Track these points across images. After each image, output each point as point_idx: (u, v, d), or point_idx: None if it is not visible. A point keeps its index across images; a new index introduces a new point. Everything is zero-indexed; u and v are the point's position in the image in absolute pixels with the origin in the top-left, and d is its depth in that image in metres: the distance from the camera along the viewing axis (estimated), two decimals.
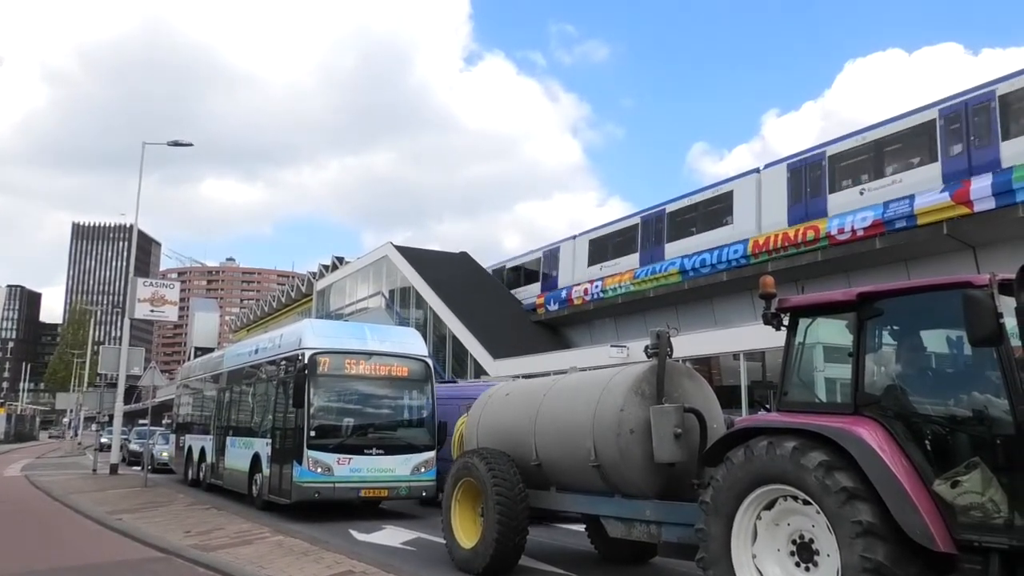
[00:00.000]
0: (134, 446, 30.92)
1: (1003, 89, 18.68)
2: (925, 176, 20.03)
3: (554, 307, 33.02)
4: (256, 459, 15.01)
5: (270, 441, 14.50)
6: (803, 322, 6.14)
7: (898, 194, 20.31)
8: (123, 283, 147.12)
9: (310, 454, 13.03)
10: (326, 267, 49.34)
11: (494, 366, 27.92)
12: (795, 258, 22.59)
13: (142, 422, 39.52)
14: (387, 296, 38.95)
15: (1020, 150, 18.10)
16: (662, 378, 7.46)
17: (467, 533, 8.76)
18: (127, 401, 29.37)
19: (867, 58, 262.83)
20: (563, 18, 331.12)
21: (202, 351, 44.70)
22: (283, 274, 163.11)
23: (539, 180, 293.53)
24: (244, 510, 13.96)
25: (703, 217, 27.04)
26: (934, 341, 5.67)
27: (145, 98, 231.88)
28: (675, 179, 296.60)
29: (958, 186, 18.89)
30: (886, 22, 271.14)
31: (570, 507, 8.37)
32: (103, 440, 29.63)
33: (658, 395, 7.39)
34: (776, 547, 5.62)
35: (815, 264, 22.05)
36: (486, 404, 9.71)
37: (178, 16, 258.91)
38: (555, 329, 34.09)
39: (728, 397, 18.17)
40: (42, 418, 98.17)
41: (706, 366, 21.15)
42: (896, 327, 5.80)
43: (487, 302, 34.24)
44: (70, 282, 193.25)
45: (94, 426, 41.53)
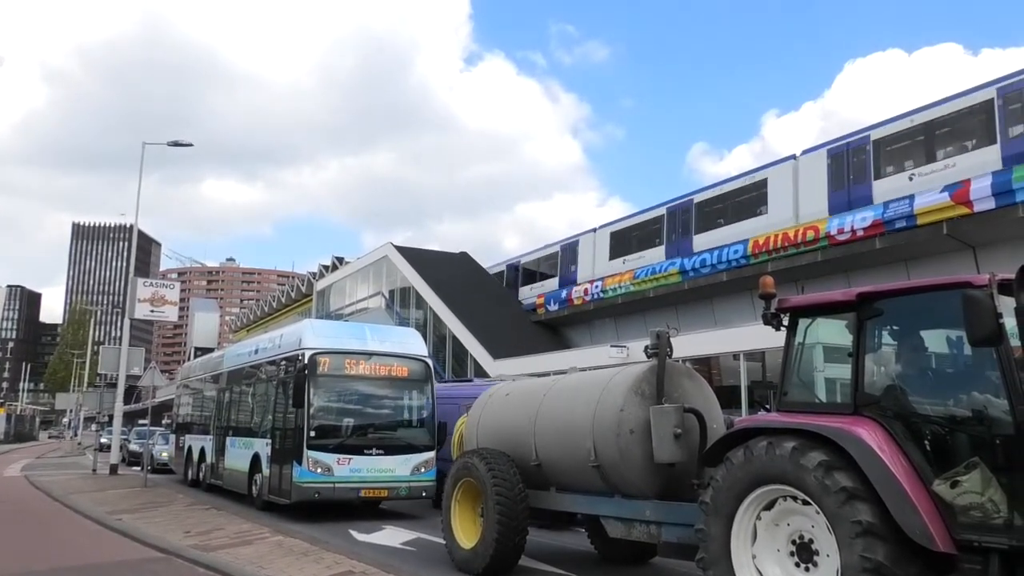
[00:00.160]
0: (134, 446, 30.94)
1: None
2: (982, 159, 18.92)
3: (554, 307, 32.98)
4: (256, 459, 15.01)
5: (270, 441, 14.50)
6: (803, 322, 6.15)
7: (952, 179, 19.21)
8: (123, 283, 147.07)
9: (310, 454, 13.03)
10: (326, 267, 49.34)
11: (494, 366, 27.90)
12: (795, 258, 22.58)
13: (142, 422, 39.52)
14: (387, 296, 38.94)
15: None
16: (662, 378, 7.46)
17: (467, 533, 8.76)
18: (127, 401, 29.36)
19: (867, 58, 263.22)
20: (563, 18, 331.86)
21: (202, 351, 44.70)
22: (283, 274, 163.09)
23: (539, 180, 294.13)
24: (244, 510, 13.96)
25: (735, 207, 25.81)
26: (934, 341, 5.67)
27: (145, 98, 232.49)
28: (675, 179, 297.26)
29: (958, 186, 18.89)
30: (886, 22, 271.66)
31: (570, 507, 8.36)
32: (103, 440, 29.63)
33: (658, 395, 7.39)
34: (776, 547, 5.62)
35: (815, 264, 22.03)
36: (486, 404, 9.71)
37: (178, 16, 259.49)
38: (555, 329, 34.07)
39: (728, 397, 18.18)
40: (42, 418, 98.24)
41: (706, 366, 21.13)
42: (896, 327, 5.80)
43: (487, 302, 34.22)
44: (70, 282, 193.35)
45: (94, 426, 41.54)
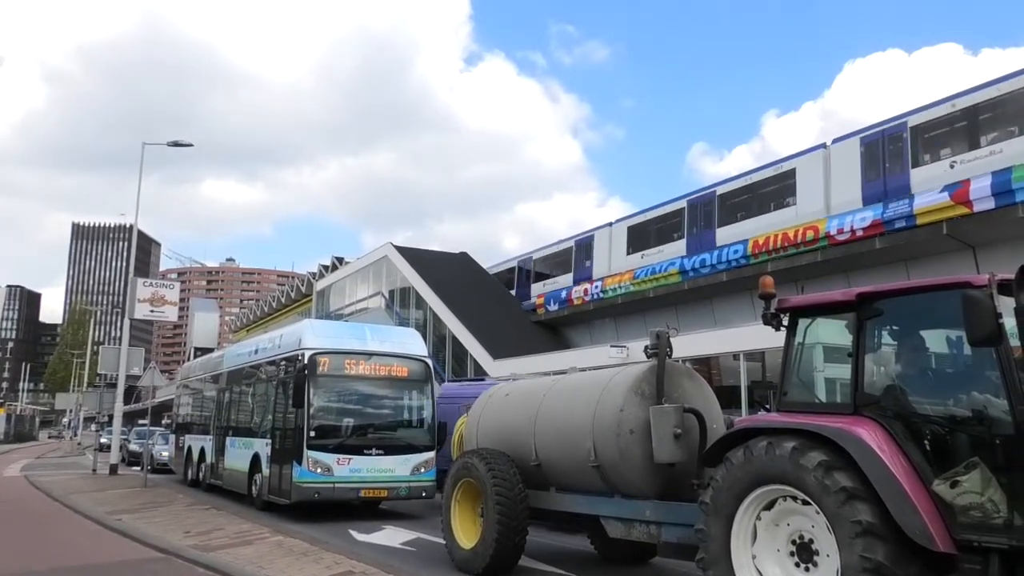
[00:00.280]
0: (134, 446, 30.95)
1: None
2: None
3: (554, 307, 32.97)
4: (256, 459, 15.01)
5: (270, 441, 14.50)
6: (803, 322, 6.15)
7: (998, 165, 18.53)
8: (123, 283, 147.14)
9: (310, 454, 13.03)
10: (326, 267, 49.34)
11: (494, 366, 27.89)
12: (795, 258, 22.57)
13: (142, 422, 39.52)
14: (387, 296, 38.94)
15: None
16: (662, 378, 7.46)
17: (467, 533, 8.76)
18: (127, 401, 29.35)
19: (867, 58, 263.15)
20: (563, 19, 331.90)
21: (202, 351, 44.70)
22: (283, 274, 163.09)
23: (539, 180, 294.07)
24: (244, 510, 13.96)
25: (760, 199, 24.85)
26: (934, 341, 5.67)
27: (145, 98, 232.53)
28: (675, 179, 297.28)
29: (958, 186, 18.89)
30: (886, 22, 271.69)
31: (569, 507, 8.35)
32: (103, 440, 29.62)
33: (658, 395, 7.39)
34: (776, 547, 5.62)
35: (815, 264, 22.02)
36: (486, 404, 9.71)
37: (178, 16, 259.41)
38: (555, 329, 34.07)
39: (728, 397, 18.17)
40: (41, 418, 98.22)
41: (706, 366, 21.12)
42: (896, 327, 5.80)
43: (487, 302, 34.21)
44: (70, 282, 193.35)
45: (93, 426, 41.53)
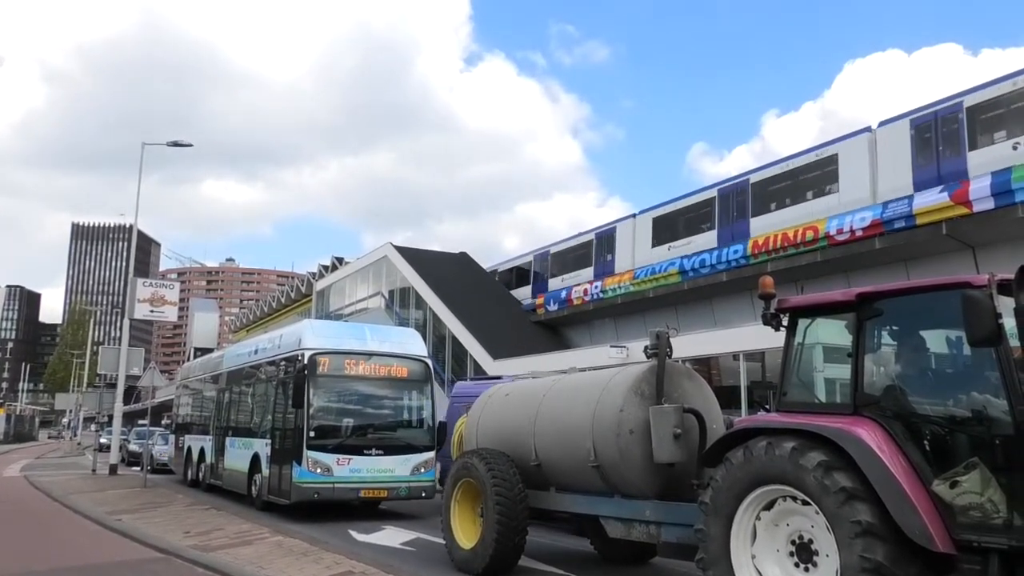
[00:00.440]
0: (133, 446, 30.95)
1: None
2: None
3: (553, 307, 32.98)
4: (256, 459, 15.01)
5: (269, 441, 14.50)
6: (802, 322, 6.15)
7: None
8: (123, 283, 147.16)
9: (310, 454, 13.03)
10: (326, 267, 49.34)
11: (494, 367, 27.89)
12: (794, 258, 22.58)
13: (141, 422, 39.53)
14: (387, 296, 38.94)
15: None
16: (662, 378, 7.46)
17: (467, 533, 8.76)
18: (126, 401, 29.33)
19: (866, 59, 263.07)
20: (563, 19, 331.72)
21: (202, 351, 44.70)
22: (283, 274, 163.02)
23: (539, 180, 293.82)
24: (244, 510, 13.96)
25: (798, 186, 23.60)
26: (934, 341, 5.67)
27: (145, 98, 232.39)
28: (675, 180, 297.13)
29: (957, 186, 18.90)
30: (885, 23, 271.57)
31: (569, 507, 8.36)
32: (102, 440, 29.63)
33: (658, 395, 7.39)
34: (775, 547, 5.62)
35: (814, 264, 22.03)
36: (486, 404, 9.71)
37: (178, 15, 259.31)
38: (555, 329, 34.08)
39: (728, 397, 18.17)
40: (41, 418, 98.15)
41: (706, 366, 21.12)
42: (895, 327, 5.80)
43: (487, 302, 34.23)
44: (70, 282, 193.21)
45: (93, 426, 41.53)
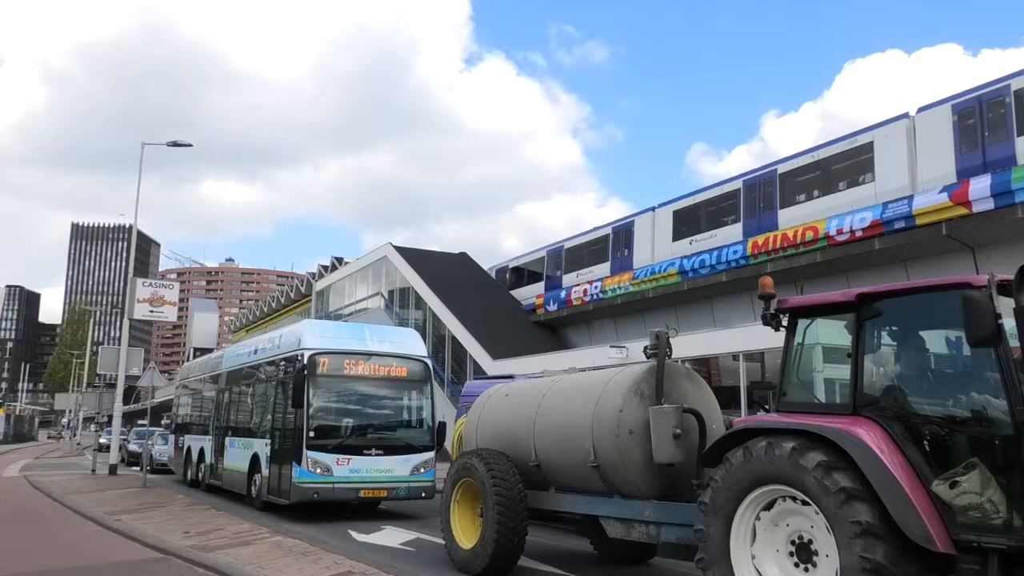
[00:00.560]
0: (133, 447, 30.93)
1: None
2: None
3: (553, 307, 32.99)
4: (255, 460, 15.01)
5: (269, 442, 14.50)
6: (802, 323, 6.15)
7: None
8: (122, 283, 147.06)
9: (309, 455, 13.03)
10: (325, 268, 49.38)
11: (493, 367, 27.92)
12: (794, 259, 22.59)
13: (141, 422, 39.59)
14: (386, 297, 38.97)
15: None
16: (661, 379, 7.45)
17: (466, 533, 8.76)
18: (126, 401, 29.33)
19: (866, 59, 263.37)
20: (563, 19, 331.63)
21: (201, 351, 44.75)
22: (282, 275, 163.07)
23: (539, 181, 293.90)
24: (243, 511, 13.95)
25: (830, 176, 22.96)
26: (933, 342, 5.67)
27: (145, 98, 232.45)
28: (674, 180, 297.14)
29: (956, 187, 18.91)
30: (885, 23, 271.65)
31: (569, 507, 8.35)
32: (102, 440, 29.65)
33: (657, 396, 7.38)
34: (775, 547, 5.62)
35: (814, 265, 22.05)
36: (485, 404, 9.71)
37: (178, 15, 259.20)
38: (554, 329, 34.10)
39: (727, 398, 18.19)
40: (41, 419, 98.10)
41: (705, 367, 21.15)
42: (895, 328, 5.80)
43: (486, 303, 34.26)
44: (69, 282, 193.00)
45: (93, 426, 41.56)
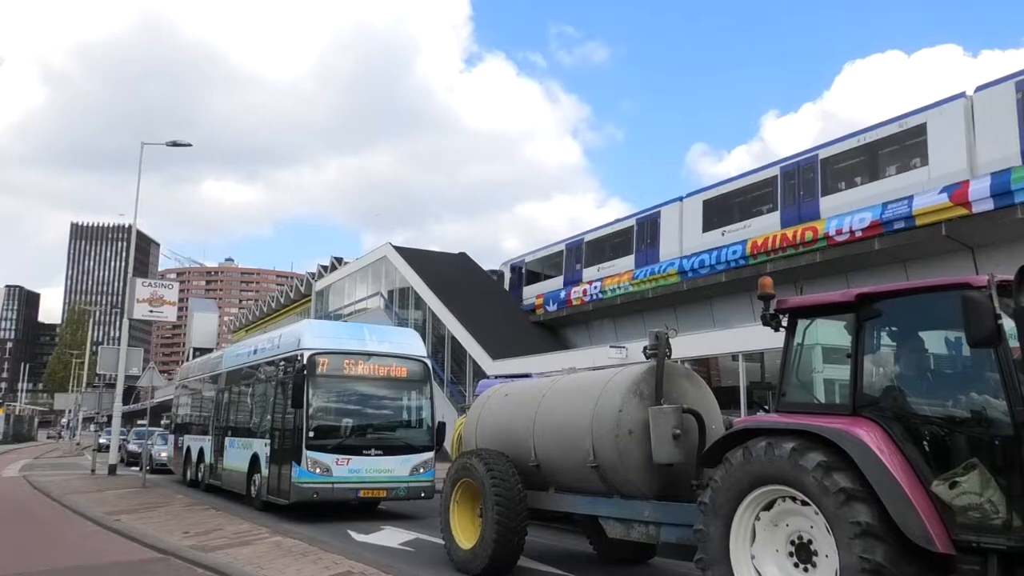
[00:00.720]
0: (132, 447, 30.93)
1: None
2: None
3: (553, 308, 32.99)
4: (255, 460, 15.01)
5: (269, 442, 14.50)
6: (802, 323, 6.14)
7: None
8: (122, 283, 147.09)
9: (309, 455, 13.03)
10: (325, 268, 49.36)
11: (493, 367, 27.91)
12: (793, 259, 22.60)
13: (141, 422, 39.58)
14: (386, 297, 38.95)
15: None
16: (661, 379, 7.45)
17: (466, 534, 8.76)
18: (126, 401, 29.31)
19: (866, 60, 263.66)
20: (563, 19, 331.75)
21: (201, 351, 44.68)
22: (282, 275, 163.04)
23: (539, 181, 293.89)
24: (243, 511, 13.95)
25: (878, 161, 21.52)
26: (933, 342, 5.66)
27: (145, 98, 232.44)
28: (674, 180, 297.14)
29: (956, 187, 18.91)
30: (885, 24, 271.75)
31: (569, 508, 8.35)
32: (101, 440, 29.63)
33: (657, 396, 7.38)
34: (775, 548, 5.61)
35: (813, 265, 22.05)
36: (485, 405, 9.71)
37: (177, 15, 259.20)
38: (554, 330, 34.10)
39: (727, 398, 18.18)
40: (40, 418, 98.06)
41: (705, 367, 21.15)
42: (895, 328, 5.79)
43: (486, 303, 34.26)
44: (69, 282, 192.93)
45: (92, 426, 41.55)
